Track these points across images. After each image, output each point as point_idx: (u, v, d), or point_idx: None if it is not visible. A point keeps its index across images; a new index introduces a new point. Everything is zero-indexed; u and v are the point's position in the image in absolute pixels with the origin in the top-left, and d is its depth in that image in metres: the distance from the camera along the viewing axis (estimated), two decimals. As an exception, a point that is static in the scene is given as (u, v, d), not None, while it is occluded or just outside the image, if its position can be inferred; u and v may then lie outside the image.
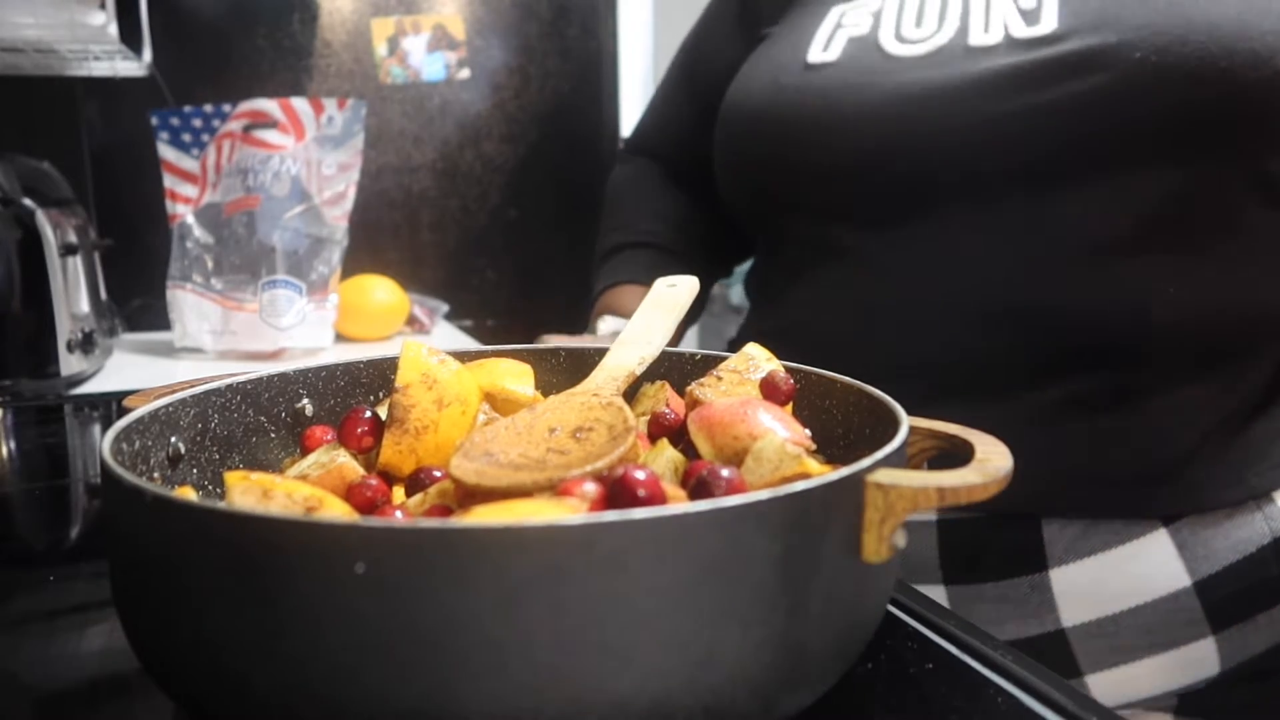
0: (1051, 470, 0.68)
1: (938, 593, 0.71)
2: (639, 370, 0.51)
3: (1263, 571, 0.67)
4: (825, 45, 0.78)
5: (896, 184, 0.72)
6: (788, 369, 0.50)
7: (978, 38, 0.71)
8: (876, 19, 0.77)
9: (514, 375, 0.53)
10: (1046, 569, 0.69)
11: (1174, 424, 0.68)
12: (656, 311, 0.56)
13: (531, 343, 0.63)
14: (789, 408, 0.47)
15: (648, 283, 0.67)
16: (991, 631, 0.68)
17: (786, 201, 0.80)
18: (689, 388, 0.48)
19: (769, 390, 0.47)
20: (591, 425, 0.43)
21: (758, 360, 0.50)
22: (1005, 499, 0.69)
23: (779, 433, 0.42)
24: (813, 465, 0.37)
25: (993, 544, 0.70)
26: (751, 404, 0.44)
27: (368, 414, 0.47)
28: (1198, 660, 0.68)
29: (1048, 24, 0.68)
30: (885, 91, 0.71)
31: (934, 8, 0.75)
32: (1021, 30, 0.69)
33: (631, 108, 1.67)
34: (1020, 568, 0.69)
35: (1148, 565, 0.67)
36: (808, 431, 0.44)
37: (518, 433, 0.43)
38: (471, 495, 0.38)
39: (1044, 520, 0.69)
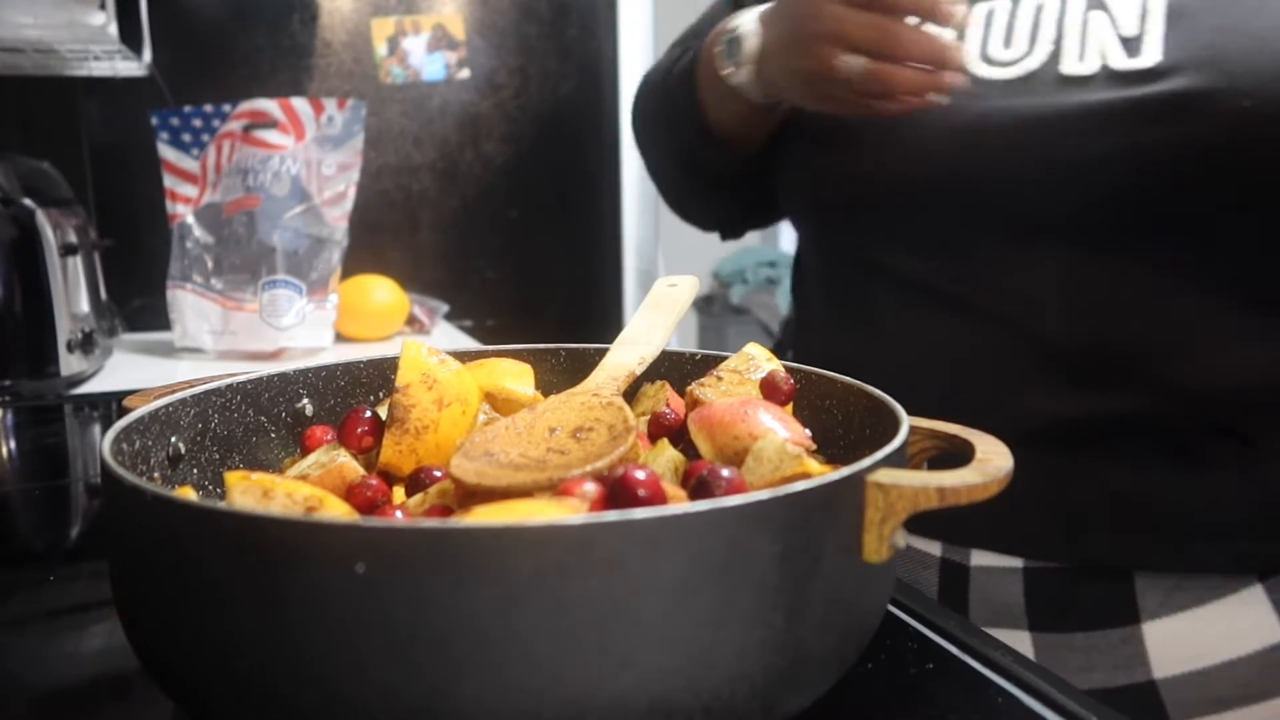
0: (1144, 524, 0.66)
1: (1022, 639, 0.69)
2: (639, 370, 0.51)
3: None
4: None
5: (967, 215, 0.68)
6: (788, 369, 0.50)
7: (1071, 65, 0.66)
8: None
9: (514, 375, 0.53)
10: (1139, 622, 0.67)
11: (1269, 479, 0.65)
12: (657, 311, 0.56)
13: (535, 340, 0.62)
14: (789, 408, 0.47)
15: None
16: (1078, 680, 0.67)
17: (850, 221, 0.76)
18: (689, 388, 0.48)
19: (769, 390, 0.47)
20: (592, 425, 0.43)
21: (758, 360, 0.50)
22: (1097, 551, 0.67)
23: (779, 433, 0.42)
24: (813, 465, 0.37)
25: (1083, 595, 0.68)
26: (751, 404, 0.44)
27: (368, 414, 0.47)
28: None
29: (1150, 56, 0.62)
30: (968, 117, 0.67)
31: (1025, 27, 0.69)
32: (1120, 61, 0.64)
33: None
34: (1111, 619, 0.67)
35: (1244, 620, 0.66)
36: (808, 431, 0.44)
37: (518, 433, 0.43)
38: (472, 495, 0.38)
39: (1136, 573, 0.67)
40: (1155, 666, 0.66)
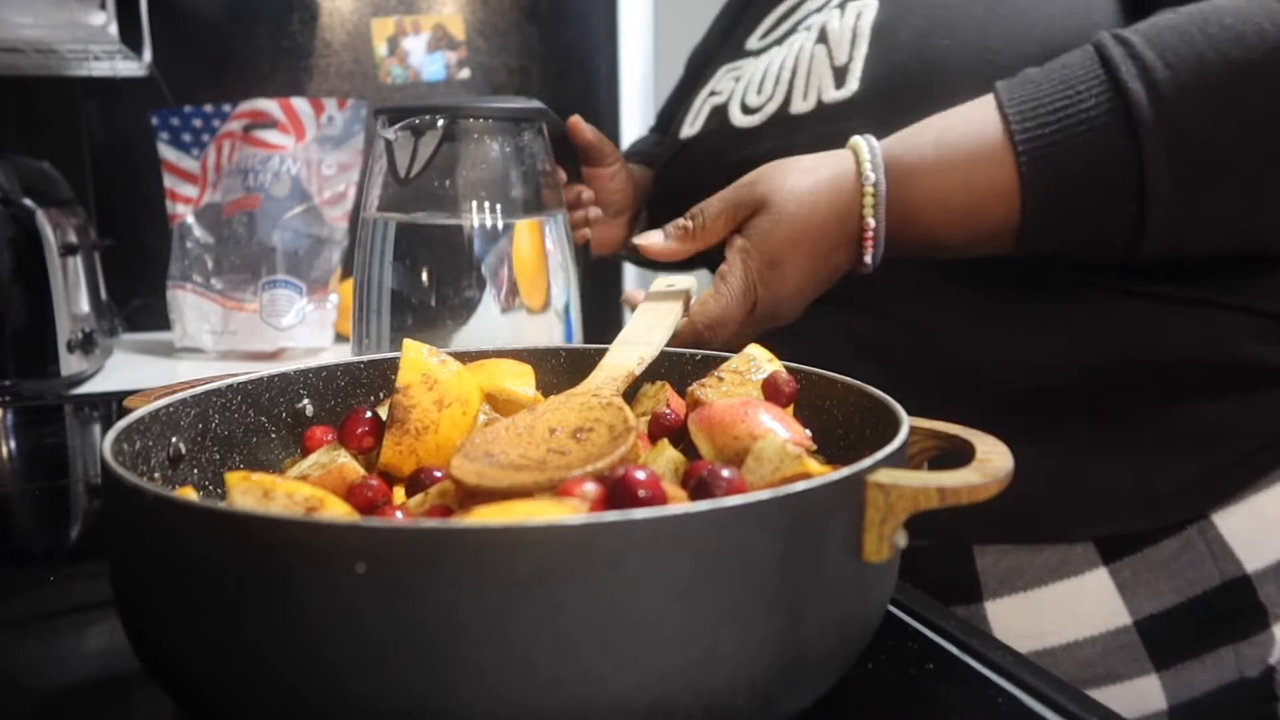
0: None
1: None
2: (638, 370, 0.51)
3: None
4: (695, 116, 0.78)
5: None
6: (789, 369, 0.50)
7: (797, 105, 0.68)
8: (735, 85, 0.75)
9: (514, 375, 0.53)
10: (981, 600, 0.66)
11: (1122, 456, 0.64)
12: (656, 312, 0.55)
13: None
14: (790, 409, 0.47)
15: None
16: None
17: None
18: (690, 388, 0.48)
19: (770, 391, 0.47)
20: (592, 425, 0.43)
21: (759, 361, 0.50)
22: (937, 528, 0.63)
23: (779, 433, 0.42)
24: (813, 465, 0.37)
25: (925, 572, 0.67)
26: (752, 404, 0.44)
27: (368, 414, 0.47)
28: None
29: (850, 87, 0.64)
30: (728, 168, 0.66)
31: (772, 72, 0.72)
32: (830, 94, 0.65)
33: (631, 108, 1.67)
34: (955, 597, 0.67)
35: (1087, 603, 0.66)
36: (808, 432, 0.44)
37: (518, 433, 0.43)
38: (472, 496, 0.38)
39: (976, 548, 0.67)
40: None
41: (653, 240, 0.64)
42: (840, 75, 0.66)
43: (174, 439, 0.44)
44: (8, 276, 1.05)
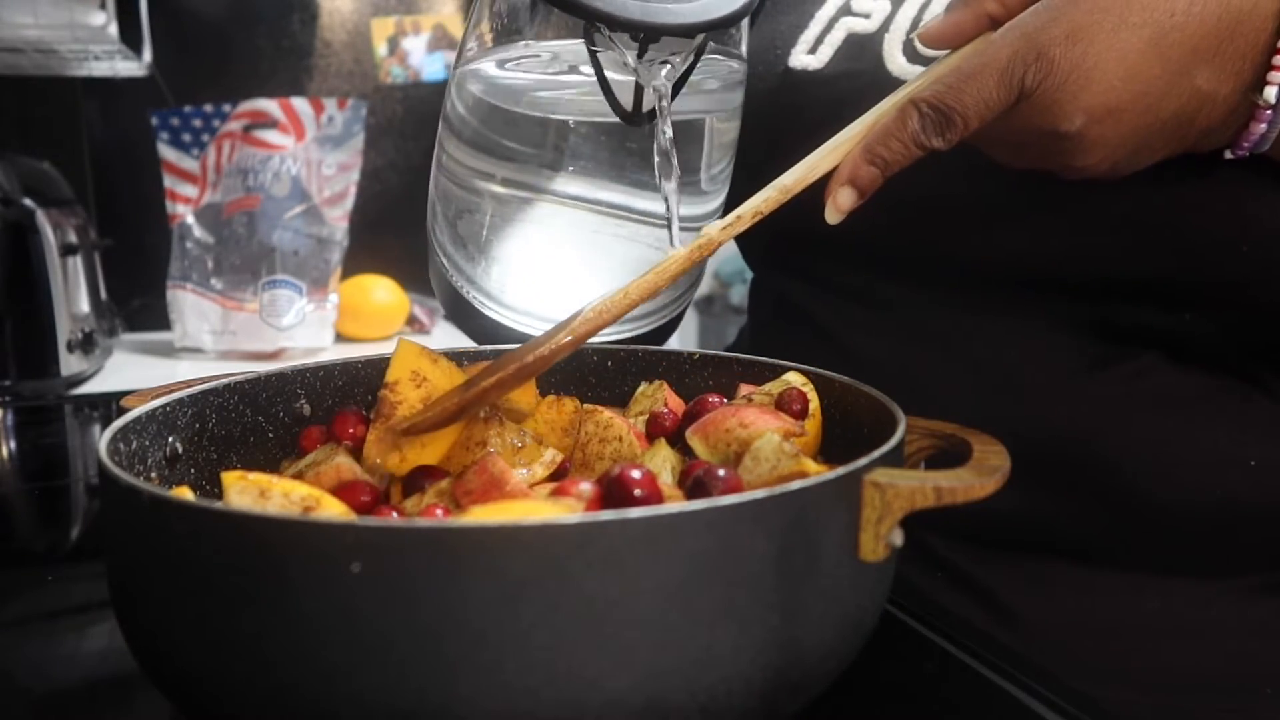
0: None
1: None
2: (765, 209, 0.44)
3: None
4: (815, 42, 0.57)
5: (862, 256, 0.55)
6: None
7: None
8: (894, 9, 0.55)
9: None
10: None
11: None
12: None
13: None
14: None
15: None
16: None
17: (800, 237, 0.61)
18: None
19: (782, 406, 0.47)
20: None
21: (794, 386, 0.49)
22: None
23: (768, 422, 0.42)
24: (810, 464, 0.37)
25: None
26: (739, 403, 0.44)
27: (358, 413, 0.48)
28: None
29: None
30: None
31: None
32: None
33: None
34: None
35: None
36: (802, 423, 0.45)
37: None
38: (463, 491, 0.38)
39: None
40: None
41: (931, 26, 0.45)
42: None
43: (171, 439, 0.44)
44: (8, 276, 1.05)
